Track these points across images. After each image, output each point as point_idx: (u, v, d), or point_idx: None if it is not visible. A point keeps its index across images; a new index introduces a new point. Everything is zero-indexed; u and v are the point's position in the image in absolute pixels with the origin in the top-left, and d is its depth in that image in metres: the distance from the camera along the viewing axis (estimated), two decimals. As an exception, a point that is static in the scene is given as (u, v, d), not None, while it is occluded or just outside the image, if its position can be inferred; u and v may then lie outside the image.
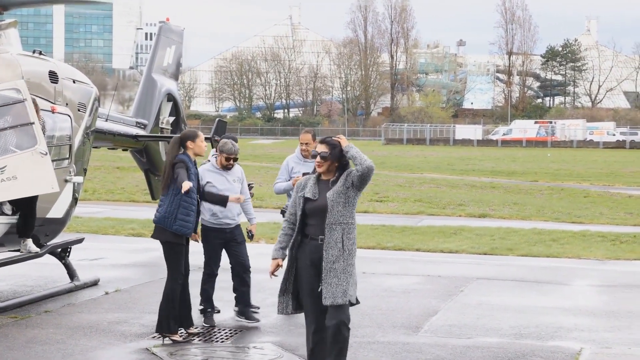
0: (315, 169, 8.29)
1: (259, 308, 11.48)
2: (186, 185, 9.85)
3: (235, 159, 11.26)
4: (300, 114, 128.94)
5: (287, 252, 8.24)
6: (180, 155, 10.23)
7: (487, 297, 13.04)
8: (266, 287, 12.39)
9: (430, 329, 10.98)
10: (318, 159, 8.17)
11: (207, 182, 10.95)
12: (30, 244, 11.91)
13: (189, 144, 10.30)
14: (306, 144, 11.37)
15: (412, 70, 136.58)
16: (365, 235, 19.43)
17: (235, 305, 11.41)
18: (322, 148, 8.19)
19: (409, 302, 12.57)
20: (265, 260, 9.49)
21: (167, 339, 10.02)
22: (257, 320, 11.09)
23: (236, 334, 10.54)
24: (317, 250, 8.07)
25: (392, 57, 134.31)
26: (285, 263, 8.27)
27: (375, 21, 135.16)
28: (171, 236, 10.17)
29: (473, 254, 17.62)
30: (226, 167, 11.19)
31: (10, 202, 11.44)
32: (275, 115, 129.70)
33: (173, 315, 10.09)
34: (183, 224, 10.14)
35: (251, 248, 12.20)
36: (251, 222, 11.39)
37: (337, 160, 8.16)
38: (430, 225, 22.06)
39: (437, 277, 14.74)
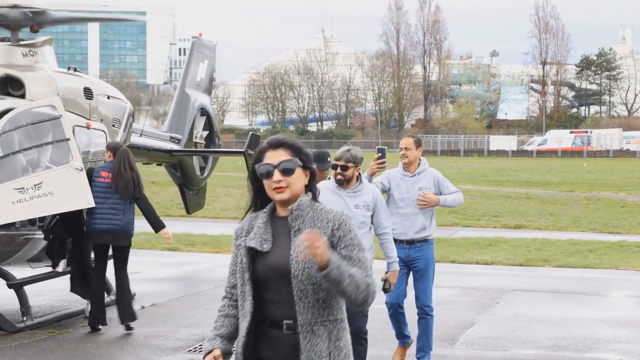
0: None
1: None
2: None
3: (345, 168, 8.15)
4: (333, 127, 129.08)
5: (228, 344, 4.42)
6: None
7: (523, 309, 12.96)
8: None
9: (466, 341, 10.93)
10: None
11: None
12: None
13: None
14: (406, 148, 9.32)
15: (445, 81, 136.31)
16: (400, 248, 19.38)
17: None
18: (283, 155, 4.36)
19: (444, 314, 12.52)
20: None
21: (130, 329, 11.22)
22: None
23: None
24: (284, 346, 4.28)
25: (425, 68, 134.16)
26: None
27: (408, 33, 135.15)
28: (130, 240, 11.58)
29: (509, 266, 17.52)
30: (340, 182, 8.20)
31: (62, 222, 11.66)
32: (309, 128, 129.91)
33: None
34: (134, 228, 11.68)
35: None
36: (390, 267, 8.50)
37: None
38: (465, 237, 21.98)
39: (473, 289, 14.68)
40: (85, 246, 11.84)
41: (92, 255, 11.81)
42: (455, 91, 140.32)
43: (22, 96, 11.86)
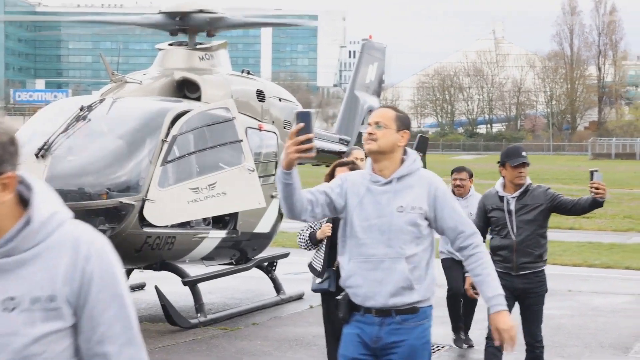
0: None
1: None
2: None
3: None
4: (503, 129, 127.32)
5: None
6: None
7: (702, 319, 12.42)
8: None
9: (641, 350, 10.57)
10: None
11: None
12: None
13: None
14: (377, 125, 5.21)
15: (621, 83, 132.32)
16: (570, 253, 18.93)
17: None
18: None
19: (617, 322, 12.15)
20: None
21: None
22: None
23: (439, 349, 10.48)
24: None
25: (599, 69, 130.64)
26: None
27: (582, 33, 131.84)
28: None
29: (688, 273, 16.83)
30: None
31: None
32: (478, 130, 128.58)
33: None
34: None
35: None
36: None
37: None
38: (641, 243, 21.28)
39: (648, 297, 14.19)
40: None
41: None
42: (631, 92, 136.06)
43: (198, 98, 12.23)
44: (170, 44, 13.10)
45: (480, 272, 5.00)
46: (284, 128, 13.48)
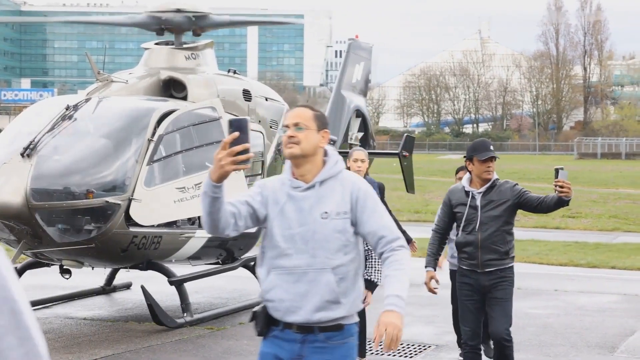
0: None
1: None
2: None
3: None
4: (489, 129, 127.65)
5: None
6: None
7: (688, 318, 12.47)
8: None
9: (627, 349, 10.59)
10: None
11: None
12: None
13: None
14: (295, 125, 4.90)
15: (607, 82, 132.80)
16: (557, 252, 18.98)
17: None
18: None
19: (604, 321, 12.18)
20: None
21: None
22: None
23: (426, 349, 10.49)
24: None
25: (585, 69, 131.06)
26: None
27: (568, 33, 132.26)
28: None
29: (673, 273, 16.89)
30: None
31: None
32: (464, 130, 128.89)
33: None
34: None
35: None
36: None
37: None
38: (626, 242, 21.34)
39: (635, 296, 14.23)
40: None
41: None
42: (617, 92, 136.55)
43: (184, 98, 12.21)
44: (157, 44, 13.07)
45: (389, 273, 4.57)
46: (271, 128, 13.48)
